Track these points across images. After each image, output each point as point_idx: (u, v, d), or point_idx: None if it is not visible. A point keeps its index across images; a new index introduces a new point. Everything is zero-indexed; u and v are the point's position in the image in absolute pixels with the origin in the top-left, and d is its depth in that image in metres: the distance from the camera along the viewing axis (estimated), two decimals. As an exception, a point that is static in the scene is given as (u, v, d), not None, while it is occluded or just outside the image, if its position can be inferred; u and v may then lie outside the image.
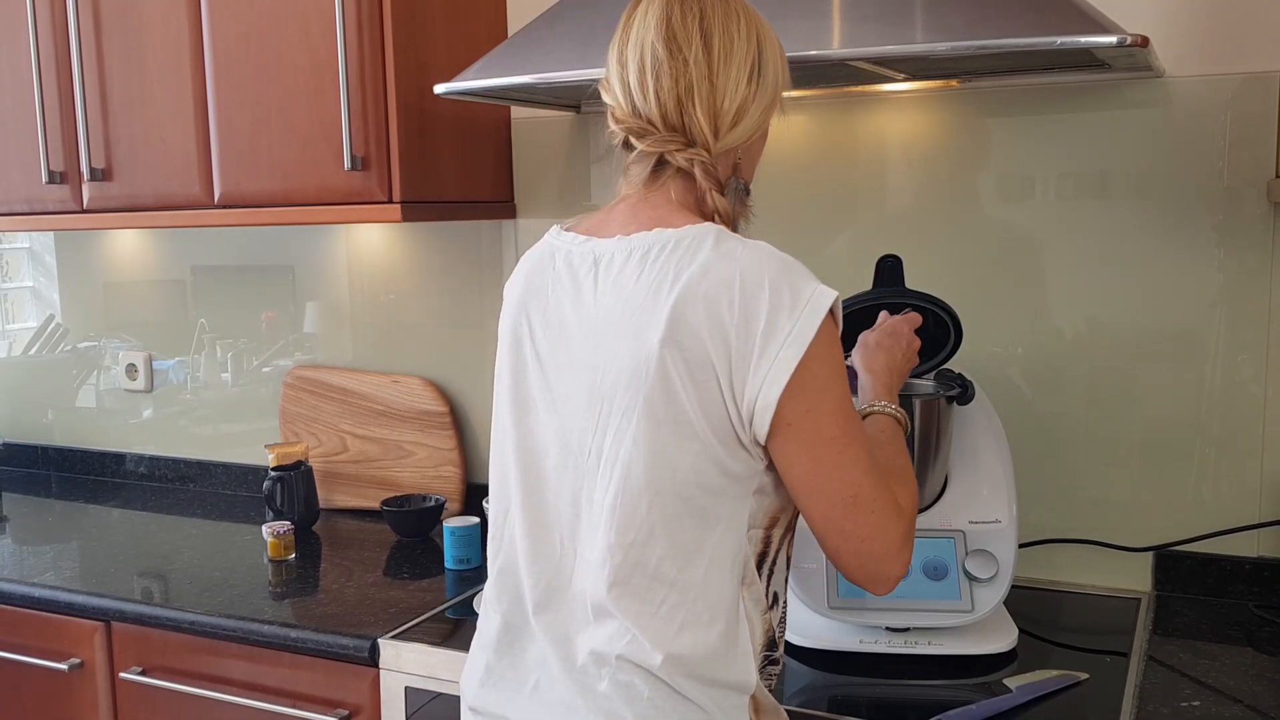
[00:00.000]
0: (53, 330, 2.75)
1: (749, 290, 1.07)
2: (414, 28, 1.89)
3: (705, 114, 1.14)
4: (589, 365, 1.13)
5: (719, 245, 1.10)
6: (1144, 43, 1.33)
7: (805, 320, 1.06)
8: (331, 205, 1.92)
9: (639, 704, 1.10)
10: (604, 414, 1.12)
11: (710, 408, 1.08)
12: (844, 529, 1.11)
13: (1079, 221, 1.77)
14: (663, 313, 1.08)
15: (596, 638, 1.12)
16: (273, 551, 2.01)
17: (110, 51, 2.08)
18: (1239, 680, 1.46)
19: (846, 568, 1.13)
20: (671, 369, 1.08)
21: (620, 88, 1.16)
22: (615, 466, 1.11)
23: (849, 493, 1.09)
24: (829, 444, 1.09)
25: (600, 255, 1.16)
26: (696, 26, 1.13)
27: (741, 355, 1.06)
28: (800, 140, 1.93)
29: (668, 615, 1.10)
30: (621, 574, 1.11)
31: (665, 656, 1.09)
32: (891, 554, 1.12)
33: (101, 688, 1.86)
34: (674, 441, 1.09)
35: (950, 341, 1.62)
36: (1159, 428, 1.76)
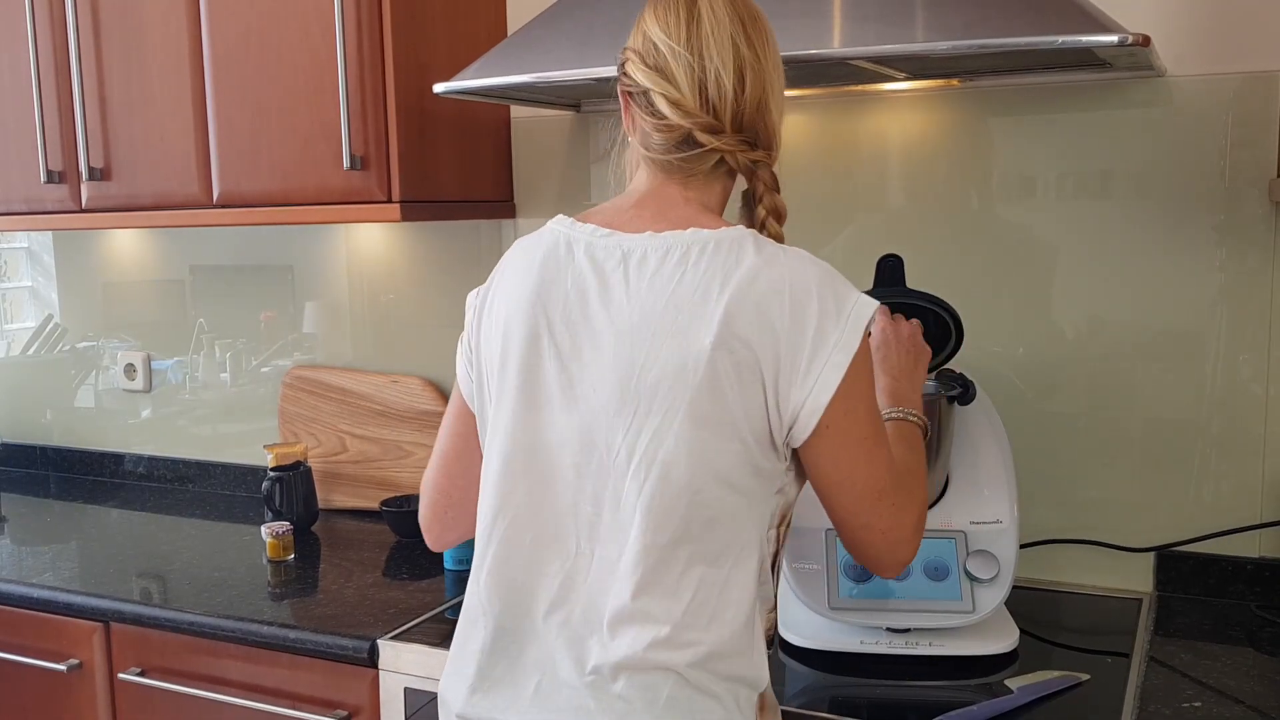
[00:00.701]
0: (51, 330, 2.75)
1: (798, 297, 1.09)
2: (414, 27, 1.88)
3: (776, 119, 1.17)
4: (623, 362, 1.11)
5: (761, 250, 1.11)
6: (1145, 42, 1.33)
7: (851, 329, 1.10)
8: (331, 205, 1.91)
9: (656, 705, 1.09)
10: (640, 413, 1.10)
11: (753, 410, 1.09)
12: (869, 522, 1.16)
13: (1079, 221, 1.77)
14: (715, 315, 1.08)
15: (618, 637, 1.10)
16: (272, 552, 2.01)
17: (109, 51, 2.07)
18: (1240, 681, 1.45)
19: (865, 555, 1.20)
20: (721, 371, 1.08)
21: (690, 80, 1.12)
22: (653, 466, 1.09)
23: (876, 488, 1.15)
24: (860, 443, 1.13)
25: (629, 250, 1.13)
26: (764, 31, 1.16)
27: (791, 361, 1.09)
28: (800, 140, 1.92)
29: (697, 612, 1.10)
30: (653, 574, 1.09)
31: (693, 654, 1.09)
32: (907, 540, 1.19)
33: (100, 688, 1.85)
34: (715, 442, 1.09)
35: (951, 341, 1.61)
36: (1160, 428, 1.76)
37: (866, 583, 1.55)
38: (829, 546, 1.57)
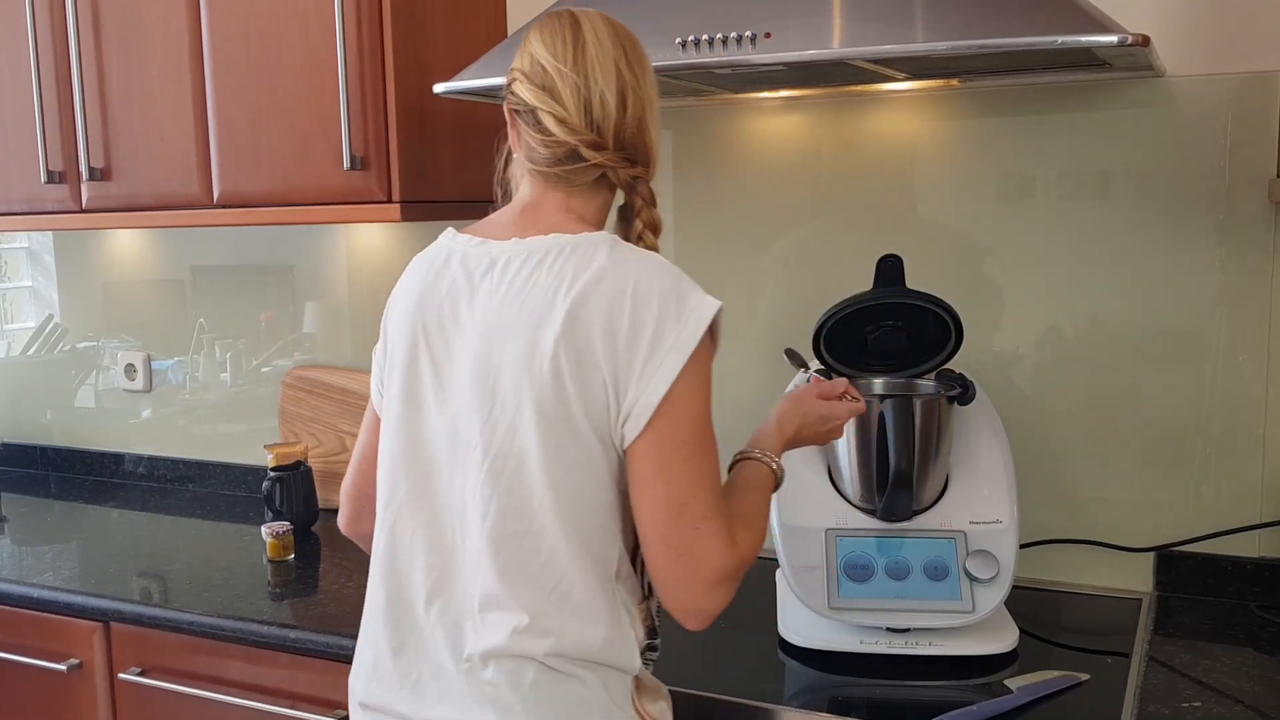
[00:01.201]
0: (51, 330, 2.75)
1: (640, 298, 1.13)
2: (414, 27, 1.88)
3: (655, 138, 1.24)
4: (481, 361, 1.17)
5: (613, 253, 1.17)
6: (1145, 42, 1.33)
7: (690, 329, 1.13)
8: (330, 205, 1.91)
9: (522, 689, 1.15)
10: (496, 408, 1.16)
11: (594, 407, 1.14)
12: (664, 536, 1.13)
13: (1079, 221, 1.77)
14: (559, 314, 1.13)
15: (486, 626, 1.17)
16: (272, 552, 2.01)
17: (109, 51, 2.07)
18: (1240, 681, 1.45)
19: (661, 585, 1.15)
20: (564, 367, 1.13)
21: (576, 100, 1.20)
22: (507, 459, 1.15)
23: (679, 499, 1.13)
24: (679, 447, 1.13)
25: (497, 257, 1.21)
26: (642, 57, 1.24)
27: (629, 360, 1.13)
28: (800, 140, 1.92)
29: (559, 602, 1.15)
30: (516, 562, 1.16)
31: (554, 641, 1.15)
32: (706, 581, 1.13)
33: (100, 688, 1.85)
34: (563, 437, 1.14)
35: (951, 342, 1.61)
36: (1160, 428, 1.76)
37: (866, 583, 1.55)
38: (829, 547, 1.57)
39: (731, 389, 2.01)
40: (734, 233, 1.99)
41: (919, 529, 1.57)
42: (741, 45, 1.48)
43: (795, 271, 1.95)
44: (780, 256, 1.96)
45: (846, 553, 1.57)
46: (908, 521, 1.58)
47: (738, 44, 1.48)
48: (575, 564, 1.15)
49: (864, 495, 1.60)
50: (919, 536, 1.56)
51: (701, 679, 1.48)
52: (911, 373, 1.67)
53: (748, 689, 1.45)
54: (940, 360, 1.64)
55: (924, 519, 1.58)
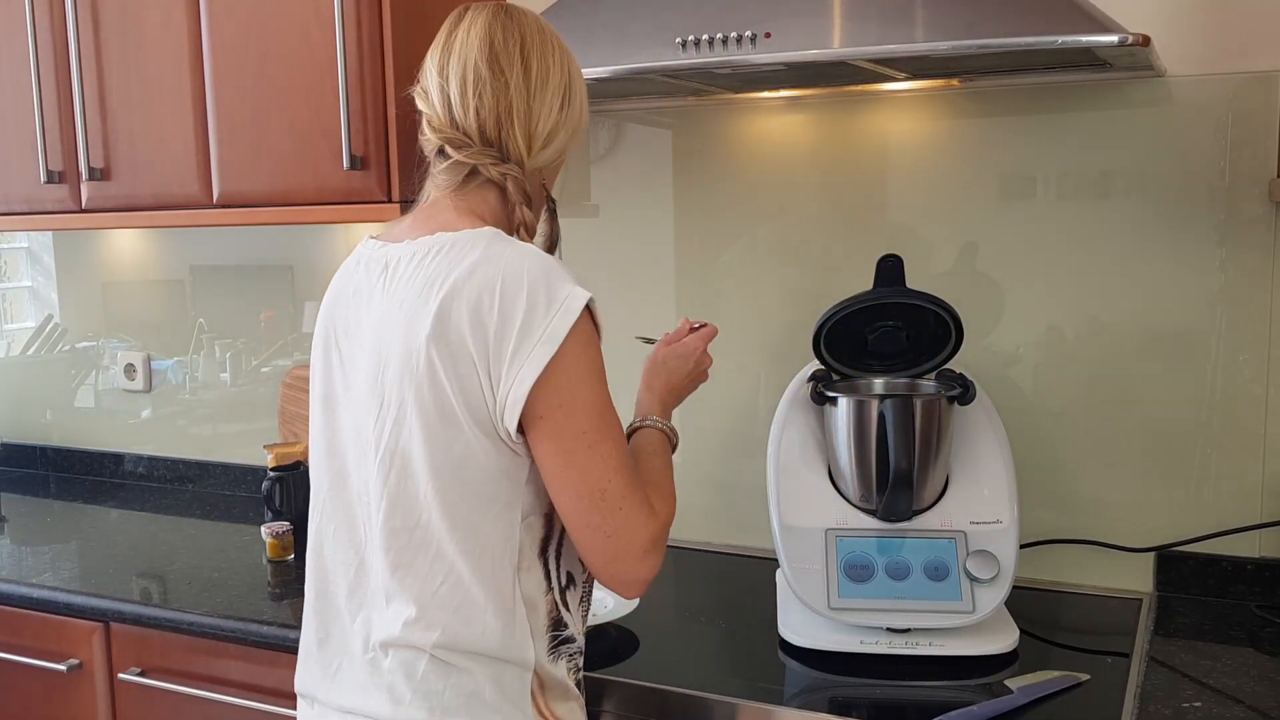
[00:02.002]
0: (51, 330, 2.75)
1: (508, 290, 1.14)
2: (414, 28, 1.88)
3: (522, 134, 1.23)
4: (373, 361, 1.21)
5: (489, 248, 1.17)
6: (1145, 42, 1.33)
7: (559, 320, 1.13)
8: (330, 205, 1.91)
9: (414, 679, 1.19)
10: (383, 405, 1.19)
11: (473, 401, 1.15)
12: (590, 522, 1.17)
13: (1079, 221, 1.77)
14: (431, 310, 1.15)
15: (385, 618, 1.21)
16: (271, 552, 2.01)
17: (109, 51, 2.07)
18: (1240, 681, 1.45)
19: (593, 564, 1.20)
20: (438, 363, 1.15)
21: (440, 99, 1.23)
22: (394, 456, 1.18)
23: (597, 487, 1.16)
24: (579, 438, 1.15)
25: (390, 259, 1.23)
26: (518, 51, 1.23)
27: (499, 352, 1.13)
28: (800, 140, 1.92)
29: (446, 595, 1.18)
30: (405, 556, 1.19)
31: (441, 634, 1.18)
32: (637, 553, 1.18)
33: (100, 688, 1.85)
34: (443, 431, 1.16)
35: (951, 341, 1.61)
36: (1160, 428, 1.76)
37: (866, 583, 1.55)
38: (829, 546, 1.57)
39: (731, 389, 2.01)
40: (734, 232, 1.99)
41: (919, 529, 1.57)
42: (741, 45, 1.48)
43: (795, 271, 1.95)
44: (780, 256, 1.96)
45: (846, 553, 1.57)
46: (908, 521, 1.58)
47: (738, 44, 1.48)
48: (462, 558, 1.17)
49: (864, 495, 1.60)
50: (919, 536, 1.56)
51: (701, 679, 1.48)
52: (911, 373, 1.67)
53: (748, 689, 1.45)
54: (940, 360, 1.64)
55: (924, 519, 1.58)
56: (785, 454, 1.64)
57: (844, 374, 1.67)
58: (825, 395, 1.60)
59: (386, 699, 1.20)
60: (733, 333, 2.00)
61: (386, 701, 1.20)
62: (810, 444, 1.65)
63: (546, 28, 1.27)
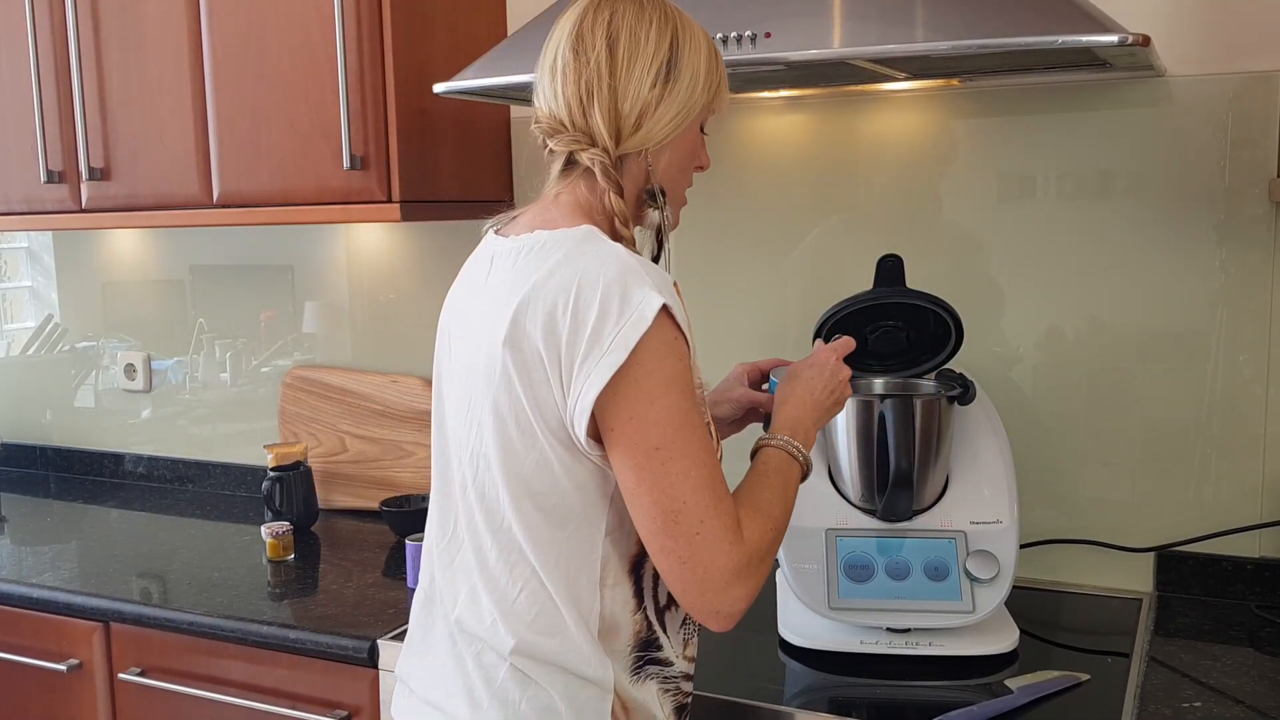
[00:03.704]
0: (51, 330, 2.75)
1: (583, 295, 1.08)
2: (414, 27, 1.88)
3: (604, 115, 1.16)
4: (467, 360, 1.19)
5: (574, 248, 1.12)
6: (1145, 42, 1.33)
7: (630, 328, 1.06)
8: (330, 205, 1.91)
9: (493, 685, 1.16)
10: (471, 407, 1.17)
11: (546, 409, 1.11)
12: (664, 545, 1.08)
13: (1079, 221, 1.77)
14: (507, 313, 1.11)
15: (470, 618, 1.19)
16: (271, 552, 2.01)
17: (109, 51, 2.07)
18: (1240, 681, 1.45)
19: (674, 591, 1.11)
20: (511, 369, 1.11)
21: (537, 89, 1.21)
22: (478, 459, 1.17)
23: (670, 507, 1.07)
24: (651, 454, 1.07)
25: (496, 254, 1.20)
26: (604, 29, 1.16)
27: (570, 359, 1.08)
28: (800, 139, 1.92)
29: (525, 603, 1.15)
30: (491, 557, 1.17)
31: (518, 642, 1.15)
32: (717, 584, 1.08)
33: (100, 688, 1.85)
34: (519, 439, 1.13)
35: (951, 342, 1.61)
36: (1160, 428, 1.76)
37: (866, 583, 1.55)
38: (829, 547, 1.57)
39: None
40: (734, 232, 1.99)
41: (919, 529, 1.57)
42: (741, 45, 1.48)
43: (795, 271, 1.95)
44: (780, 256, 1.96)
45: (846, 553, 1.57)
46: (908, 521, 1.58)
47: (738, 44, 1.48)
48: (541, 568, 1.14)
49: (864, 495, 1.60)
50: (919, 536, 1.56)
51: (701, 679, 1.48)
52: (911, 373, 1.66)
53: (748, 689, 1.45)
54: (940, 360, 1.64)
55: (924, 519, 1.58)
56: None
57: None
58: (825, 395, 1.60)
59: (466, 701, 1.17)
60: (732, 333, 2.00)
61: (465, 703, 1.17)
62: (810, 444, 1.65)
63: (656, 2, 1.18)
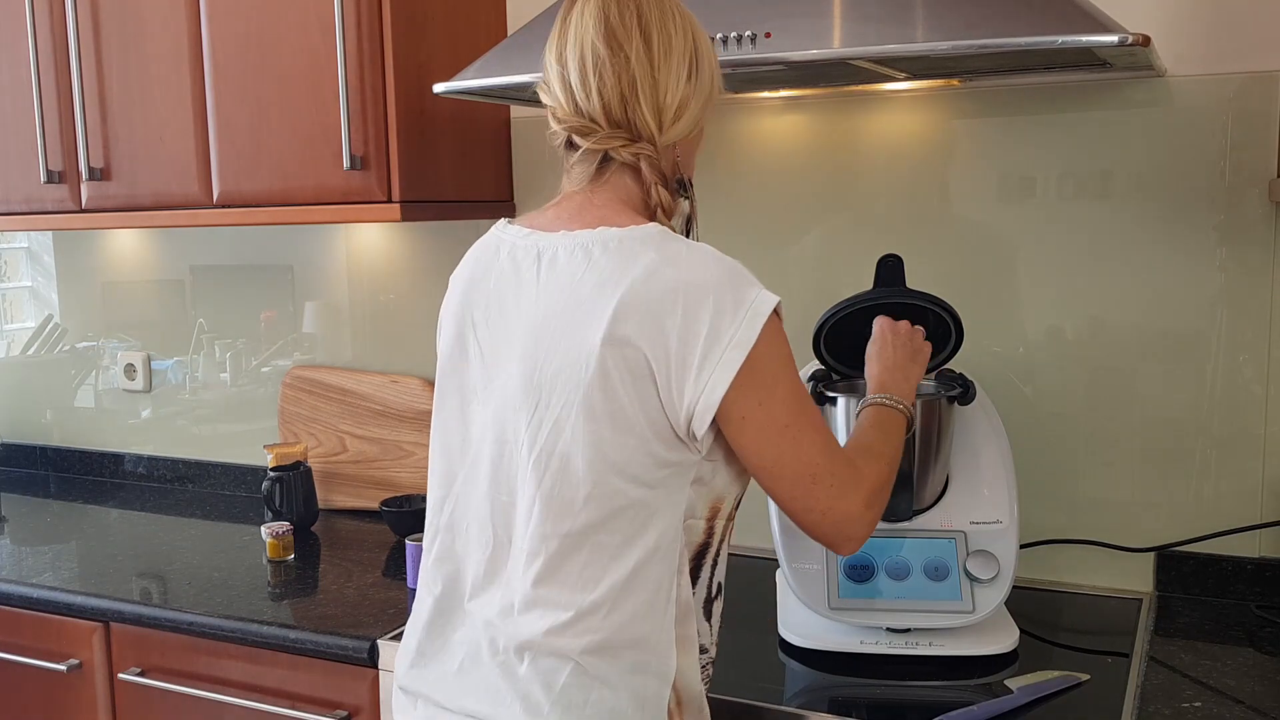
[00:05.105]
0: (51, 330, 2.75)
1: (693, 296, 1.10)
2: (414, 27, 1.88)
3: (650, 109, 1.17)
4: (527, 356, 1.16)
5: (664, 247, 1.13)
6: (1145, 42, 1.33)
7: (748, 325, 1.11)
8: (330, 205, 1.91)
9: (553, 690, 1.14)
10: (541, 405, 1.15)
11: (648, 405, 1.12)
12: (808, 505, 1.18)
13: (1079, 221, 1.77)
14: (606, 312, 1.11)
15: (524, 622, 1.16)
16: (271, 552, 2.01)
17: (109, 51, 2.07)
18: (1241, 681, 1.45)
19: (813, 534, 1.21)
20: (611, 367, 1.11)
21: (561, 87, 1.19)
22: (551, 458, 1.14)
23: (808, 473, 1.16)
24: (783, 431, 1.14)
25: (544, 249, 1.18)
26: (635, 24, 1.16)
27: (682, 360, 1.10)
28: (800, 139, 1.92)
29: (599, 601, 1.14)
30: (555, 561, 1.14)
31: (590, 641, 1.13)
32: (854, 519, 1.19)
33: (100, 689, 1.85)
34: (610, 435, 1.12)
35: (951, 341, 1.61)
36: (1160, 428, 1.76)
37: (867, 583, 1.55)
38: (829, 546, 1.57)
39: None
40: (733, 232, 1.99)
41: (919, 529, 1.57)
42: (741, 45, 1.48)
43: (795, 271, 1.95)
44: (780, 256, 1.96)
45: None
46: (908, 521, 1.58)
47: (738, 44, 1.48)
48: (621, 562, 1.13)
49: (864, 495, 1.60)
50: (919, 536, 1.56)
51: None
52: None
53: (748, 689, 1.45)
54: (941, 360, 1.64)
55: (924, 519, 1.58)
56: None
57: (844, 374, 1.67)
58: (825, 395, 1.60)
59: (520, 708, 1.15)
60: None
61: (520, 711, 1.15)
62: (810, 444, 1.65)
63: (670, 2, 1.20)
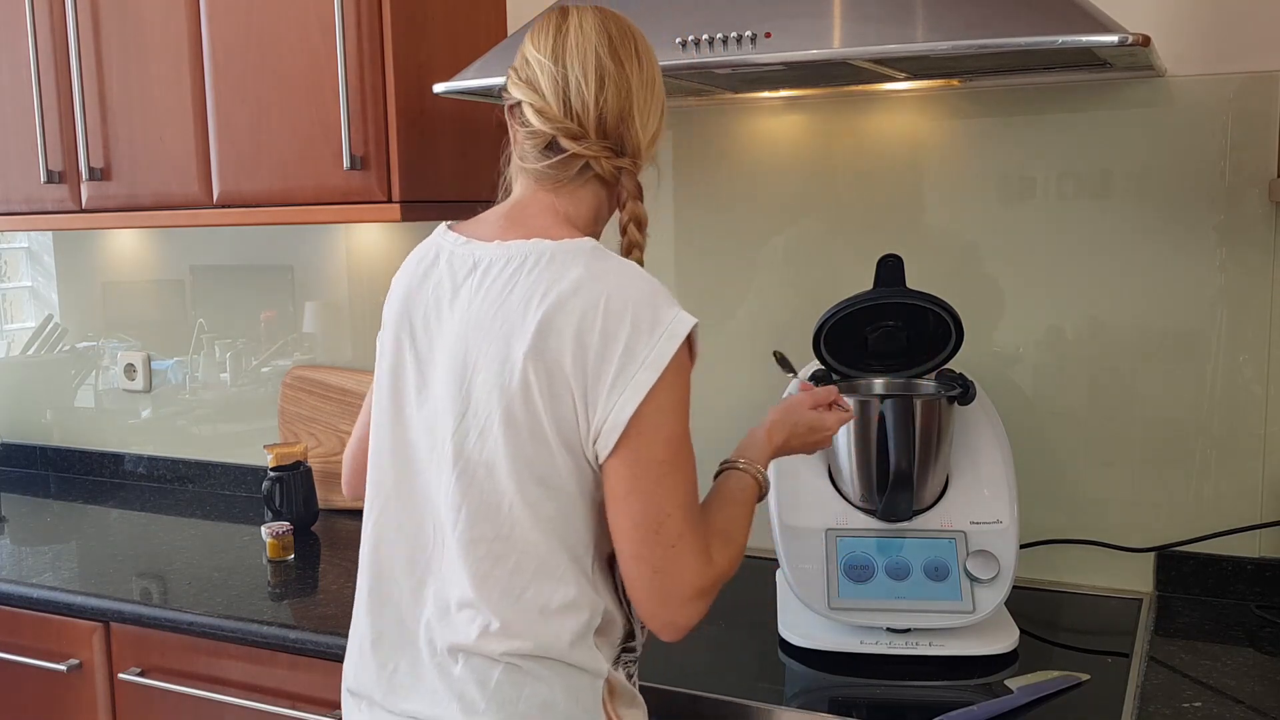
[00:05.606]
0: (51, 330, 2.75)
1: (613, 312, 1.12)
2: (414, 27, 1.88)
3: (641, 129, 1.21)
4: (456, 365, 1.18)
5: (592, 264, 1.15)
6: (1145, 42, 1.33)
7: (663, 346, 1.11)
8: (330, 205, 1.91)
9: (488, 688, 1.16)
10: (469, 413, 1.17)
11: (563, 421, 1.13)
12: (640, 553, 1.13)
13: (1079, 221, 1.77)
14: (531, 325, 1.13)
15: (457, 623, 1.18)
16: (271, 552, 2.01)
17: (109, 51, 2.07)
18: (1240, 681, 1.45)
19: (635, 598, 1.16)
20: (533, 380, 1.13)
21: (555, 89, 1.19)
22: (478, 465, 1.16)
23: (655, 518, 1.12)
24: (651, 466, 1.12)
25: (480, 260, 1.20)
26: (634, 47, 1.21)
27: (598, 375, 1.11)
28: (801, 139, 1.92)
29: (526, 604, 1.16)
30: (485, 565, 1.17)
31: (519, 644, 1.16)
32: (681, 598, 1.14)
33: (100, 689, 1.85)
34: (530, 446, 1.14)
35: (951, 342, 1.61)
36: (1160, 428, 1.76)
37: (866, 583, 1.55)
38: (829, 546, 1.57)
39: (731, 391, 2.01)
40: (734, 233, 1.99)
41: (919, 529, 1.57)
42: (741, 45, 1.48)
43: (795, 271, 1.95)
44: (780, 256, 1.96)
45: (846, 553, 1.57)
46: (908, 521, 1.58)
47: (738, 44, 1.48)
48: (546, 569, 1.16)
49: (864, 495, 1.60)
50: (919, 536, 1.56)
51: (701, 679, 1.48)
52: (911, 373, 1.67)
53: (748, 689, 1.45)
54: (940, 360, 1.64)
55: (924, 519, 1.58)
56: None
57: (844, 374, 1.67)
58: (825, 395, 1.60)
59: (458, 707, 1.18)
60: (732, 333, 2.00)
61: (458, 710, 1.18)
62: (810, 444, 1.65)
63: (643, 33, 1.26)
